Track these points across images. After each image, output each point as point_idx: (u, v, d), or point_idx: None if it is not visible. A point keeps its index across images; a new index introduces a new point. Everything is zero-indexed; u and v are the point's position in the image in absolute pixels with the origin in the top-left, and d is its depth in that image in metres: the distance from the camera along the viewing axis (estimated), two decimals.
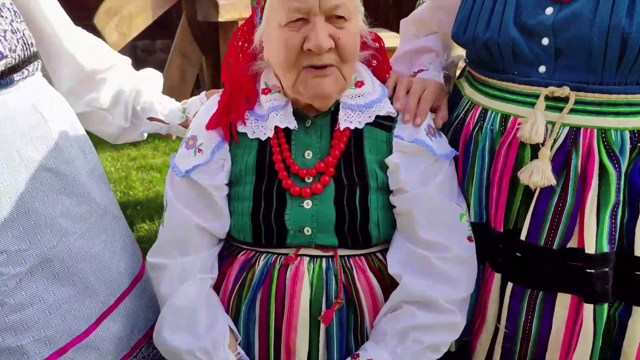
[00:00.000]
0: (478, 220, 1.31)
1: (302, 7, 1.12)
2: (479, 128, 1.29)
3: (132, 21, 2.56)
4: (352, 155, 1.26)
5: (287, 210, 1.25)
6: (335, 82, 1.20)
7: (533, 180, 1.15)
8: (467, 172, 1.32)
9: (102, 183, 1.39)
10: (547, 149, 1.16)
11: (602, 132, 1.14)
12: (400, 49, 1.64)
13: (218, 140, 1.30)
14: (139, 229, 3.67)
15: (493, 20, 1.20)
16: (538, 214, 1.19)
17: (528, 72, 1.19)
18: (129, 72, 1.62)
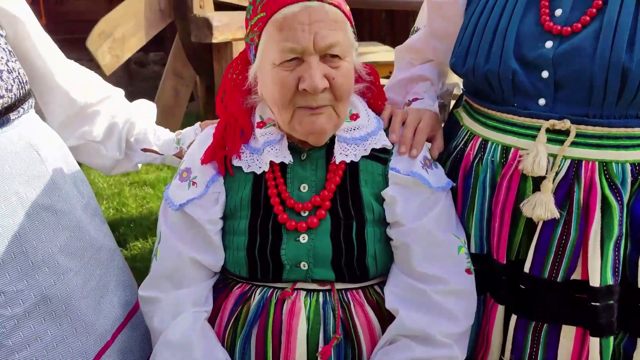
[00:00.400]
0: (479, 251, 1.30)
1: (297, 47, 1.12)
2: (479, 159, 1.28)
3: (125, 43, 2.56)
4: (348, 189, 1.26)
5: (283, 245, 1.24)
6: (330, 120, 1.19)
7: (536, 213, 1.15)
8: (468, 203, 1.31)
9: (97, 217, 1.39)
10: (550, 181, 1.15)
11: (604, 165, 1.14)
12: (394, 77, 1.64)
13: (213, 174, 1.29)
14: (132, 247, 3.64)
15: (493, 52, 1.20)
16: (542, 246, 1.19)
17: (528, 105, 1.19)
18: (122, 104, 1.61)
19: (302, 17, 1.12)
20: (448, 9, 1.39)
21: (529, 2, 1.18)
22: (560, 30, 1.12)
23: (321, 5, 1.14)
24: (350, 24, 1.21)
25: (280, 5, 1.14)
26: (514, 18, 1.18)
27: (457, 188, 1.34)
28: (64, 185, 1.27)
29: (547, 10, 1.15)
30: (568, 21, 1.13)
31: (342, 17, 1.18)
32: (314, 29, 1.12)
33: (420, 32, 1.57)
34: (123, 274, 1.45)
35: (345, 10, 1.20)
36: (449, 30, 1.40)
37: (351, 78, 1.21)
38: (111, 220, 4.03)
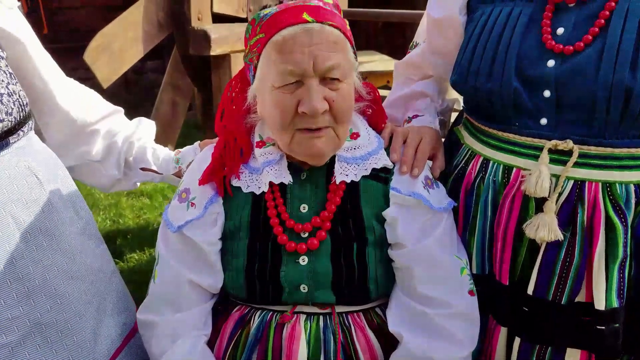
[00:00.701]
0: (480, 272, 1.29)
1: (296, 70, 1.11)
2: (481, 179, 1.27)
3: (123, 56, 2.55)
4: (349, 209, 1.24)
5: (283, 267, 1.22)
6: (330, 143, 1.18)
7: (540, 235, 1.14)
8: (469, 223, 1.29)
9: (95, 240, 1.37)
10: (553, 202, 1.14)
11: (607, 186, 1.13)
12: (394, 93, 1.63)
13: (211, 194, 1.27)
14: (129, 259, 3.62)
15: (494, 70, 1.18)
16: (545, 268, 1.17)
17: (530, 124, 1.18)
18: (122, 122, 1.60)
19: (302, 40, 1.10)
20: (448, 27, 1.38)
21: (530, 21, 1.17)
22: (562, 49, 1.11)
23: (321, 27, 1.12)
24: (350, 44, 1.20)
25: (279, 27, 1.12)
26: (515, 36, 1.17)
27: (458, 207, 1.32)
28: (62, 208, 1.25)
29: (549, 29, 1.14)
30: (570, 40, 1.11)
31: (343, 38, 1.16)
32: (314, 52, 1.10)
33: (420, 47, 1.56)
34: (121, 296, 1.42)
35: (345, 30, 1.18)
36: (449, 47, 1.39)
37: (351, 100, 1.20)
38: (108, 232, 4.00)
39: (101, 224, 4.14)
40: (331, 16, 1.16)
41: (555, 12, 1.14)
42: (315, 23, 1.12)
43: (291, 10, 1.14)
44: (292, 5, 1.16)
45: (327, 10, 1.17)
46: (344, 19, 1.23)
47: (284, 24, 1.12)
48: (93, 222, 1.40)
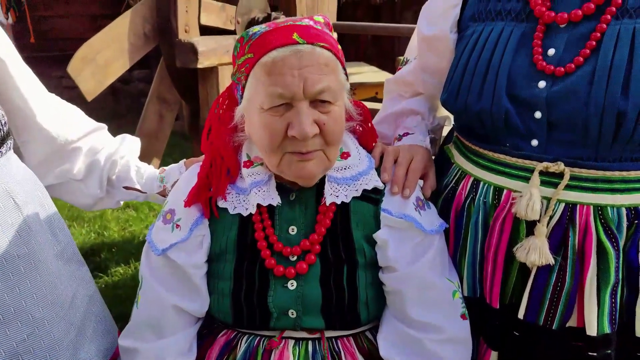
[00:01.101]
0: (471, 294, 1.27)
1: (286, 93, 1.08)
2: (471, 200, 1.25)
3: (108, 68, 2.50)
4: (339, 231, 1.21)
5: (270, 292, 1.19)
6: (320, 165, 1.15)
7: (530, 259, 1.12)
8: (460, 244, 1.28)
9: (75, 262, 1.32)
10: (544, 225, 1.12)
11: (599, 209, 1.11)
12: (384, 110, 1.61)
13: (197, 216, 1.24)
14: (113, 273, 3.55)
15: (485, 90, 1.17)
16: (536, 292, 1.15)
17: (521, 145, 1.16)
18: (105, 139, 1.56)
19: (291, 62, 1.07)
20: (438, 45, 1.36)
21: (521, 41, 1.16)
22: (554, 71, 1.10)
23: (312, 48, 1.09)
24: (341, 64, 1.17)
25: (269, 48, 1.09)
26: (506, 56, 1.15)
27: (449, 228, 1.30)
28: (40, 232, 1.21)
29: (540, 49, 1.12)
30: (561, 61, 1.10)
31: (334, 59, 1.14)
32: (304, 74, 1.07)
33: (411, 64, 1.54)
34: (101, 319, 1.37)
35: (337, 51, 1.16)
36: (440, 65, 1.38)
37: (342, 122, 1.17)
38: (92, 245, 3.94)
39: (85, 236, 4.07)
40: (322, 36, 1.13)
41: (547, 33, 1.13)
42: (305, 44, 1.09)
43: (281, 31, 1.11)
44: (282, 25, 1.13)
45: (318, 30, 1.14)
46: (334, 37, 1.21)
47: (274, 45, 1.09)
48: (72, 244, 1.36)
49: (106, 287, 3.42)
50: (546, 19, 1.12)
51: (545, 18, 1.12)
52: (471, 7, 1.27)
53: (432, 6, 1.40)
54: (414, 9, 8.25)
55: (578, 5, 1.10)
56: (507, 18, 1.19)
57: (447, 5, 1.33)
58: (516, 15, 1.18)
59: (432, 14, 1.39)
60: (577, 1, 1.10)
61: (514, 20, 1.18)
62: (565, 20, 1.11)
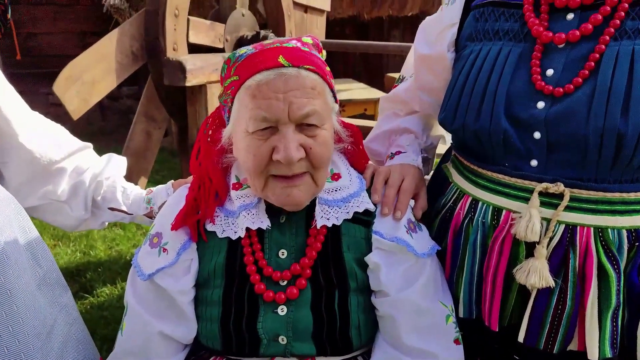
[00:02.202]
0: (467, 315, 1.24)
1: (270, 117, 1.06)
2: (470, 219, 1.23)
3: (95, 87, 2.48)
4: (330, 255, 1.18)
5: (260, 318, 1.15)
6: (307, 191, 1.13)
7: (530, 281, 1.10)
8: (457, 265, 1.25)
9: (57, 288, 1.27)
10: (544, 247, 1.10)
11: (599, 231, 1.09)
12: (378, 127, 1.60)
13: (184, 240, 1.21)
14: (99, 294, 3.48)
15: (483, 110, 1.15)
16: (536, 316, 1.13)
17: (520, 165, 1.15)
18: (90, 159, 1.52)
19: (276, 85, 1.06)
20: (436, 64, 1.36)
21: (519, 61, 1.15)
22: (552, 91, 1.09)
23: (297, 71, 1.08)
24: (330, 87, 1.16)
25: (253, 71, 1.08)
26: (504, 76, 1.14)
27: (446, 248, 1.28)
28: (19, 259, 1.16)
29: (538, 69, 1.12)
30: (560, 82, 1.09)
31: (321, 82, 1.12)
32: (289, 98, 1.06)
33: (407, 83, 1.53)
34: (84, 347, 1.32)
35: (324, 73, 1.14)
36: (437, 84, 1.37)
37: (329, 146, 1.15)
38: (78, 265, 3.86)
39: (71, 256, 4.00)
40: (309, 59, 1.11)
41: (544, 53, 1.12)
42: (291, 67, 1.08)
43: (266, 53, 1.10)
44: (268, 46, 1.12)
45: (305, 53, 1.12)
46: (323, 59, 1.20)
47: (259, 68, 1.07)
48: (55, 268, 1.31)
49: (92, 308, 3.35)
50: (544, 39, 1.11)
51: (543, 38, 1.11)
52: (469, 27, 1.27)
53: (429, 25, 1.40)
54: (401, 26, 8.34)
55: (576, 26, 1.09)
56: (504, 38, 1.18)
57: (444, 24, 1.32)
58: (514, 35, 1.17)
59: (429, 33, 1.38)
60: (574, 22, 1.10)
61: (511, 40, 1.17)
62: (563, 41, 1.10)
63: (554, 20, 1.13)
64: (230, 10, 3.08)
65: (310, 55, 1.13)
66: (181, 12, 2.69)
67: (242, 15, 3.17)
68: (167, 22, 2.61)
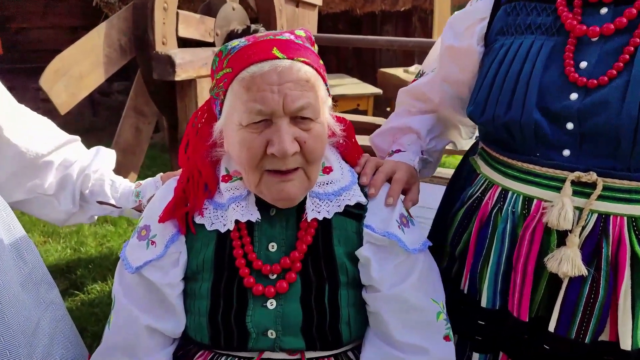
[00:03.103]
0: (491, 306, 1.23)
1: (265, 109, 1.04)
2: (498, 209, 1.22)
3: (82, 81, 2.43)
4: (320, 249, 1.16)
5: (249, 311, 1.14)
6: (300, 186, 1.11)
7: (563, 269, 1.09)
8: (483, 254, 1.24)
9: (43, 285, 1.25)
10: (576, 236, 1.10)
11: (633, 220, 1.09)
12: (387, 124, 1.61)
13: (173, 232, 1.18)
14: (90, 291, 3.45)
15: (514, 102, 1.15)
16: (568, 305, 1.12)
17: (551, 155, 1.14)
18: (77, 153, 1.50)
19: (270, 78, 1.04)
20: (463, 56, 1.36)
21: (552, 53, 1.15)
22: (586, 83, 1.09)
23: (292, 64, 1.06)
24: (323, 80, 1.14)
25: (247, 63, 1.06)
26: (537, 69, 1.14)
27: (469, 239, 1.27)
28: (3, 256, 1.14)
29: (572, 62, 1.12)
30: (593, 74, 1.09)
31: (315, 75, 1.10)
32: (284, 91, 1.04)
33: (429, 76, 1.52)
34: (71, 344, 1.31)
35: (318, 66, 1.12)
36: (462, 76, 1.38)
37: (323, 140, 1.13)
38: (68, 261, 3.82)
39: (61, 252, 3.96)
40: (303, 52, 1.10)
41: (578, 46, 1.13)
42: (285, 60, 1.06)
43: (260, 45, 1.08)
44: (262, 39, 1.10)
45: (299, 45, 1.11)
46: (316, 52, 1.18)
47: (252, 60, 1.06)
48: (41, 265, 1.29)
49: (82, 304, 3.32)
50: (577, 32, 1.12)
51: (577, 32, 1.12)
52: (499, 21, 1.27)
53: (459, 19, 1.40)
54: (394, 21, 8.32)
55: (610, 19, 1.10)
56: (537, 32, 1.19)
57: (474, 18, 1.33)
58: (546, 29, 1.18)
59: (458, 26, 1.38)
60: (608, 15, 1.11)
61: (544, 34, 1.18)
62: (597, 34, 1.11)
63: (587, 14, 1.14)
64: (221, 3, 3.06)
65: (304, 48, 1.12)
66: (170, 5, 2.65)
67: (232, 9, 3.14)
68: (156, 16, 2.57)
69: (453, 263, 1.37)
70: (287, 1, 3.71)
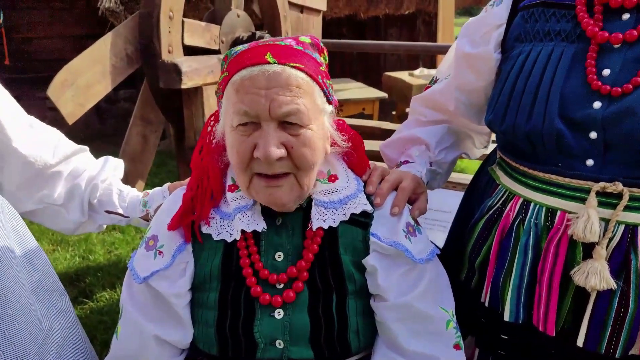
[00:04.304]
0: (514, 320, 1.20)
1: (251, 112, 1.05)
2: (520, 221, 1.19)
3: (90, 91, 2.45)
4: (327, 257, 1.15)
5: (257, 321, 1.13)
6: (290, 191, 1.11)
7: (590, 283, 1.06)
8: (505, 266, 1.21)
9: (54, 293, 1.26)
10: (603, 248, 1.07)
11: None
12: (398, 133, 1.59)
13: (180, 242, 1.18)
14: (99, 299, 3.46)
15: (535, 111, 1.13)
16: (597, 319, 1.09)
17: (574, 165, 1.12)
18: (86, 162, 1.51)
19: (259, 82, 1.05)
20: (480, 63, 1.33)
21: (573, 61, 1.12)
22: (610, 91, 1.06)
23: (282, 69, 1.06)
24: (321, 87, 1.13)
25: (239, 67, 1.08)
26: (558, 76, 1.12)
27: (490, 250, 1.25)
28: (14, 262, 1.14)
29: (594, 69, 1.09)
30: (617, 82, 1.07)
31: (308, 81, 1.09)
32: (271, 95, 1.04)
33: (443, 83, 1.50)
34: (82, 352, 1.31)
35: (314, 73, 1.11)
36: (478, 84, 1.35)
37: (314, 147, 1.11)
38: (77, 269, 3.84)
39: (70, 260, 3.97)
40: (299, 58, 1.09)
41: (600, 53, 1.10)
42: (276, 65, 1.06)
43: (255, 50, 1.09)
44: (261, 44, 1.11)
45: (296, 51, 1.10)
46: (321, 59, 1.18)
47: (243, 64, 1.08)
48: (52, 273, 1.29)
49: (91, 312, 3.33)
50: (599, 39, 1.09)
51: (599, 38, 1.09)
52: (517, 28, 1.24)
53: (473, 25, 1.37)
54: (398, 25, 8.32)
55: (632, 25, 1.08)
56: (556, 39, 1.16)
57: (490, 25, 1.30)
58: (566, 35, 1.15)
59: (474, 33, 1.36)
60: (631, 21, 1.08)
61: (564, 40, 1.15)
62: (620, 41, 1.08)
63: (609, 20, 1.11)
64: (226, 11, 3.06)
65: (302, 53, 1.11)
66: (176, 14, 2.67)
67: (237, 17, 3.15)
68: (161, 25, 2.58)
69: (472, 274, 1.35)
70: (291, 7, 3.72)
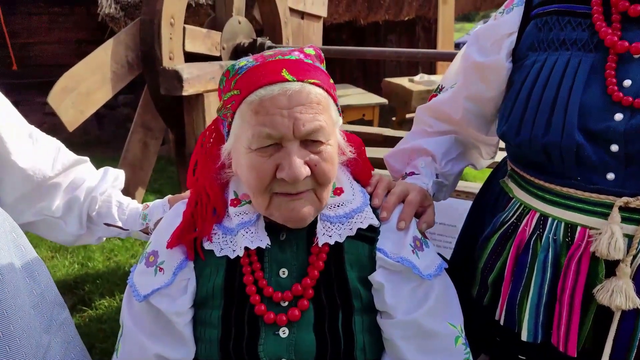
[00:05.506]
0: (532, 340, 1.16)
1: (275, 134, 1.00)
2: (538, 236, 1.15)
3: (90, 97, 2.44)
4: (333, 274, 1.12)
5: (261, 340, 1.09)
6: (311, 206, 1.07)
7: (616, 302, 1.02)
8: (522, 283, 1.17)
9: (54, 306, 1.23)
10: (627, 265, 1.03)
11: None
12: (402, 144, 1.54)
13: (181, 259, 1.15)
14: (98, 306, 3.42)
15: (553, 123, 1.08)
16: (622, 340, 1.05)
17: (594, 179, 1.08)
18: (85, 174, 1.48)
19: (280, 102, 1.00)
20: (490, 72, 1.29)
21: (592, 72, 1.08)
22: (632, 102, 1.02)
23: (302, 86, 1.02)
24: (334, 100, 1.10)
25: (256, 86, 1.02)
26: (576, 87, 1.07)
27: (505, 266, 1.20)
28: (15, 277, 1.12)
29: (614, 79, 1.05)
30: (639, 93, 1.03)
31: (325, 96, 1.06)
32: (294, 115, 1.00)
33: (449, 92, 1.45)
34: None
35: (328, 87, 1.08)
36: (487, 94, 1.31)
37: (335, 162, 1.09)
38: (76, 277, 3.81)
39: (69, 268, 3.94)
40: (313, 72, 1.06)
41: (619, 63, 1.06)
42: (295, 82, 1.02)
43: (269, 66, 1.04)
44: (270, 59, 1.06)
45: (309, 66, 1.07)
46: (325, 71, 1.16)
47: (261, 83, 1.02)
48: (52, 287, 1.27)
49: (90, 320, 3.29)
50: (619, 49, 1.05)
51: (618, 48, 1.05)
52: (530, 36, 1.20)
53: (483, 33, 1.33)
54: (398, 31, 8.33)
55: None
56: (572, 48, 1.12)
57: (501, 33, 1.26)
58: (583, 44, 1.11)
59: (484, 41, 1.32)
60: None
61: (580, 50, 1.10)
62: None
63: (627, 29, 1.07)
64: (227, 17, 3.05)
65: (314, 68, 1.08)
66: (177, 20, 2.65)
67: (238, 23, 3.13)
68: (162, 31, 2.57)
69: (485, 291, 1.31)
70: (292, 13, 3.71)
